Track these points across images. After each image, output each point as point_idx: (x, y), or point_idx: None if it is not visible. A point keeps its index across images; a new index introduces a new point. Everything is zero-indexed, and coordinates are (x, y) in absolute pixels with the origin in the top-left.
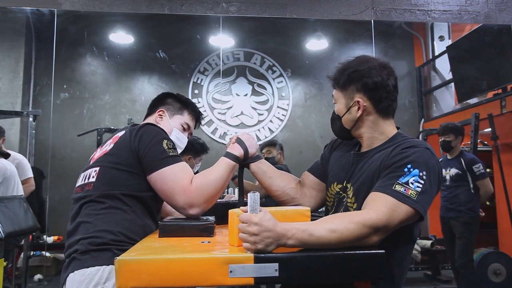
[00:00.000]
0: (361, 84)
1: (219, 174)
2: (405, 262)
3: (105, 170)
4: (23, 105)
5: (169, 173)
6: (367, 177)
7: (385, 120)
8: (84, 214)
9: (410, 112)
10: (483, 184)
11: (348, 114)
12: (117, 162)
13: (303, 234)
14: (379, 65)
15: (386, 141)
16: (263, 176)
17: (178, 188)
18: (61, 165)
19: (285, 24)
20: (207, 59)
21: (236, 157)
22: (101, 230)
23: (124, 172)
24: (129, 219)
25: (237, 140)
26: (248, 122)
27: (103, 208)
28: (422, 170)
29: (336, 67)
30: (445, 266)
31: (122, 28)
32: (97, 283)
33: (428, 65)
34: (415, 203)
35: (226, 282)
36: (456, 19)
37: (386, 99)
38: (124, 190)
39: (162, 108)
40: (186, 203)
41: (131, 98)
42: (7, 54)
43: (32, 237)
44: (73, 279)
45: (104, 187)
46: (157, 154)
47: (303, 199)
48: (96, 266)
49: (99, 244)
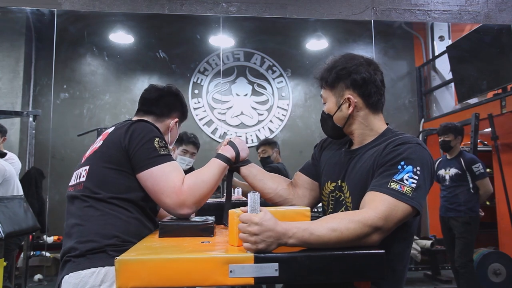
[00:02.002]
0: (350, 81)
1: (210, 175)
2: (405, 256)
3: (94, 170)
4: (23, 105)
5: (159, 172)
6: (361, 175)
7: (375, 115)
8: (77, 216)
9: (410, 112)
10: (483, 184)
11: (339, 112)
12: (107, 160)
13: (303, 233)
14: (366, 61)
15: (376, 137)
16: (254, 179)
17: (169, 188)
18: (61, 165)
19: (285, 24)
20: (207, 59)
21: (228, 158)
22: (96, 233)
23: (113, 171)
24: (122, 221)
25: (229, 143)
26: (248, 122)
27: (96, 210)
28: (416, 165)
29: (322, 66)
30: (445, 266)
31: (122, 28)
32: (92, 285)
33: (428, 65)
34: (411, 200)
35: (226, 282)
36: (456, 19)
37: (375, 93)
38: (115, 193)
39: (177, 117)
40: (177, 204)
41: (131, 98)
42: (7, 54)
43: (32, 237)
44: (68, 282)
45: (94, 188)
46: (148, 153)
47: (296, 199)
48: (91, 268)
49: (94, 248)
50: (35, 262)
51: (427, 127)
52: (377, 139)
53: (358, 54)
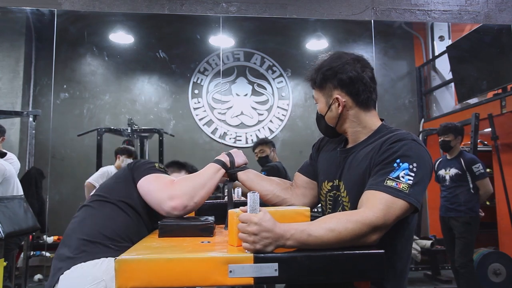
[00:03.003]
0: (337, 81)
1: (202, 173)
2: (405, 254)
3: (103, 184)
4: (23, 105)
5: (154, 176)
6: (358, 174)
7: (367, 113)
8: (81, 217)
9: (410, 112)
10: (483, 184)
11: (330, 112)
12: (115, 176)
13: (301, 235)
14: (352, 59)
15: (371, 135)
16: (252, 183)
17: (161, 184)
18: (61, 165)
19: (285, 24)
20: (207, 59)
21: (223, 162)
22: (98, 230)
23: (120, 184)
24: (123, 220)
25: (225, 152)
26: (248, 122)
27: (99, 209)
28: (412, 162)
29: (311, 67)
30: (445, 266)
31: (122, 28)
32: (94, 277)
33: (428, 65)
34: (407, 196)
35: (226, 282)
36: (456, 19)
37: (364, 91)
38: (120, 197)
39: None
40: (168, 195)
41: (131, 98)
42: (7, 54)
43: (32, 237)
44: (69, 277)
45: (101, 193)
46: (147, 167)
47: (295, 199)
48: (94, 260)
49: (95, 241)
50: (35, 262)
51: (427, 127)
52: (372, 136)
53: (347, 52)
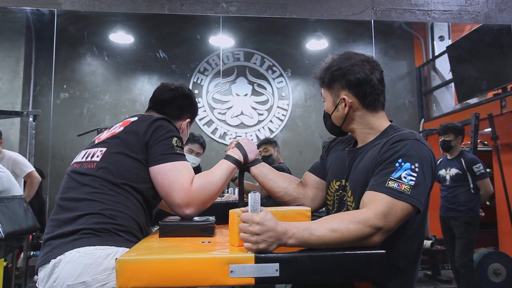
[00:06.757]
0: (344, 82)
1: (219, 176)
2: (410, 254)
3: (111, 153)
4: (23, 105)
5: (172, 168)
6: (361, 174)
7: (374, 114)
8: (86, 192)
9: (410, 112)
10: (483, 184)
11: (336, 112)
12: (126, 147)
13: (303, 233)
14: (362, 61)
15: (378, 136)
16: (264, 179)
17: (178, 185)
18: (61, 165)
19: (285, 24)
20: (207, 59)
21: (236, 160)
22: (110, 214)
23: (130, 159)
24: (133, 208)
25: (237, 145)
26: (248, 122)
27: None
28: (414, 162)
29: (321, 66)
30: (445, 266)
31: (122, 28)
32: (105, 268)
33: (428, 65)
34: (409, 198)
35: (227, 282)
36: (456, 19)
37: (371, 94)
38: (128, 180)
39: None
40: (184, 202)
41: (131, 98)
42: (7, 54)
43: (32, 237)
44: (76, 261)
45: (108, 170)
46: (164, 148)
47: (306, 199)
48: (106, 248)
49: (108, 228)
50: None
51: (427, 127)
52: (379, 137)
53: (357, 53)
